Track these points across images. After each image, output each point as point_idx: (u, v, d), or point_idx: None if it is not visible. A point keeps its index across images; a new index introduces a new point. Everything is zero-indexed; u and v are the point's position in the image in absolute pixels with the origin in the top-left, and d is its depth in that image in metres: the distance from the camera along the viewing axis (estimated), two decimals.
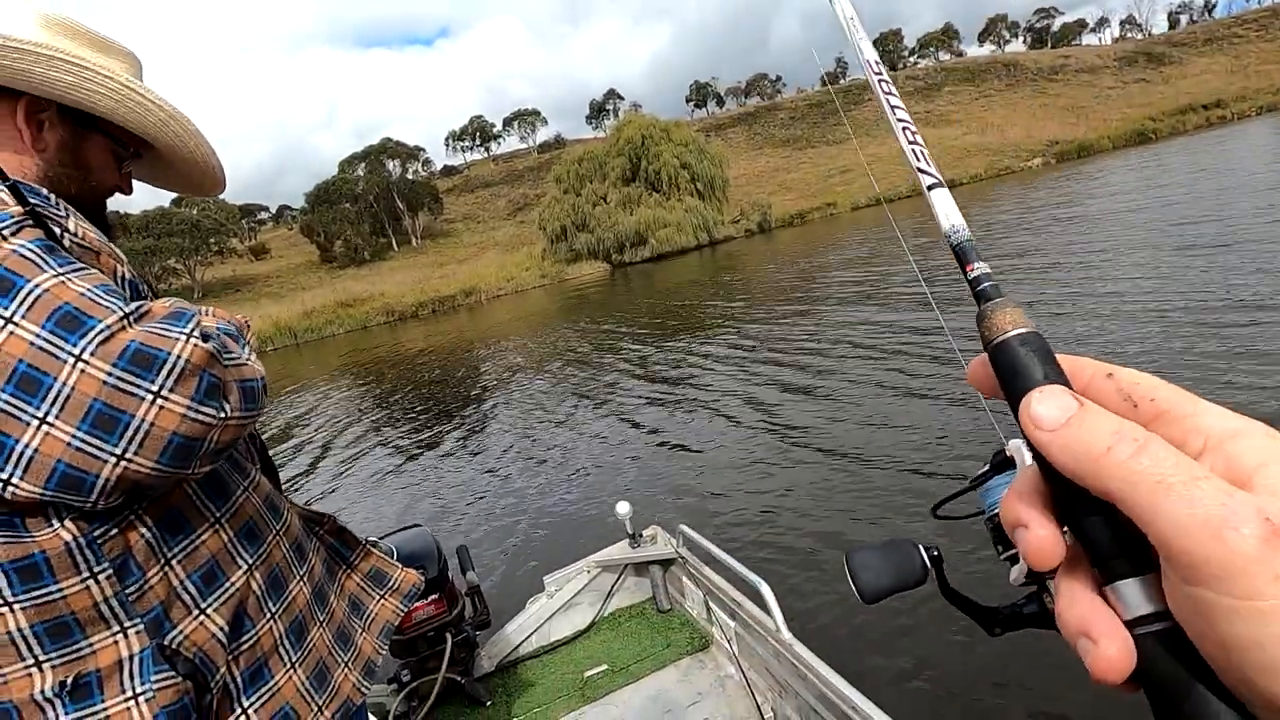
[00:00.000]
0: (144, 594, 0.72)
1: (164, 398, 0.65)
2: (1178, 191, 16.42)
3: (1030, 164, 51.84)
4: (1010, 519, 0.25)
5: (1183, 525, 0.20)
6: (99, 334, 0.64)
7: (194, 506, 0.79)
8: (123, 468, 0.65)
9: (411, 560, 2.42)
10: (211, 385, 0.69)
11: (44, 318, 0.63)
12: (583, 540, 4.43)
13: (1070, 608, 0.23)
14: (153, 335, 0.67)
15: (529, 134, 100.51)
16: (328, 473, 8.37)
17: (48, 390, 0.62)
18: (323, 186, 66.99)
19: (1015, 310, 0.26)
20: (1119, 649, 0.22)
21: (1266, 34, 78.89)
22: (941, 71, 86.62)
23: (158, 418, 0.65)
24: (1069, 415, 0.23)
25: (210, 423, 0.69)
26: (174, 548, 0.76)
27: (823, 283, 14.95)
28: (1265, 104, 54.34)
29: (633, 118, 49.13)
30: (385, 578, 1.14)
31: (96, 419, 0.63)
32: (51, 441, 0.62)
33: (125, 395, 0.64)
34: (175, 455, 0.67)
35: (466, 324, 26.70)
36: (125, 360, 0.64)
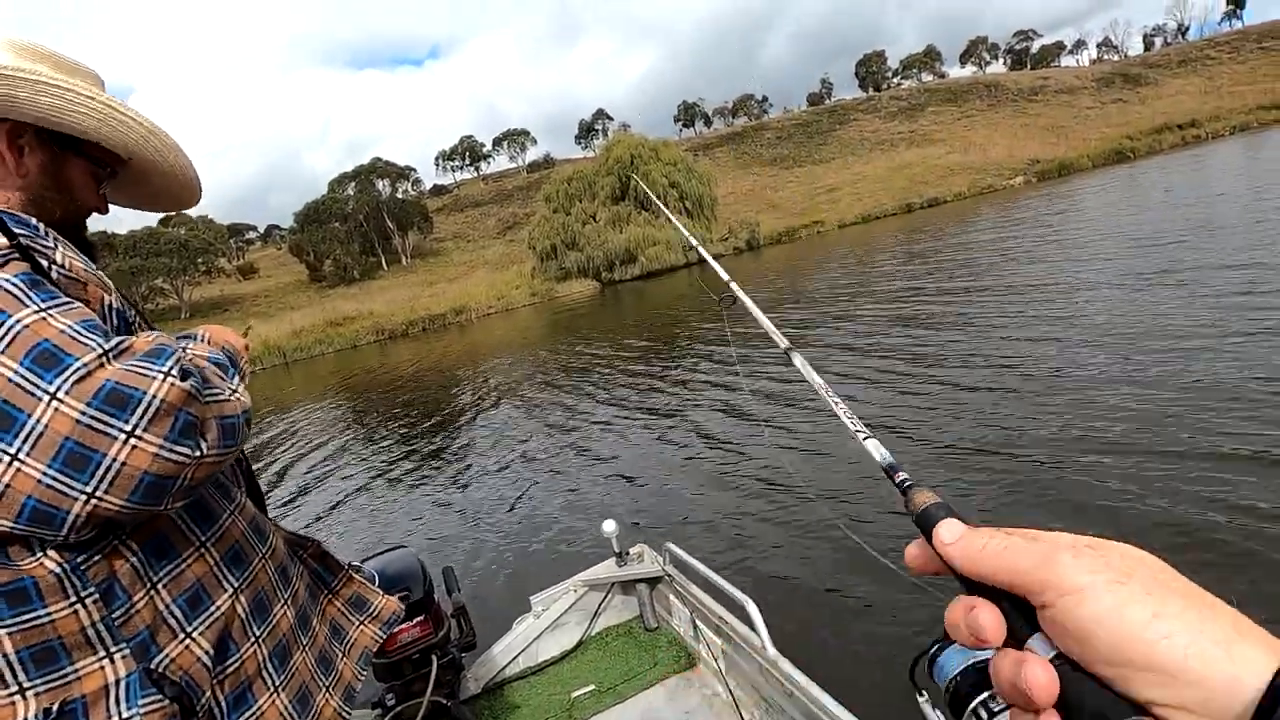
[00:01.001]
0: (130, 618, 0.73)
1: (137, 437, 0.65)
2: (1163, 208, 16.75)
3: (1012, 182, 52.73)
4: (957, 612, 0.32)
5: (1026, 570, 0.29)
6: (75, 372, 0.64)
7: (179, 531, 0.79)
8: (92, 505, 0.65)
9: (396, 581, 2.42)
10: (187, 424, 0.69)
11: (22, 354, 0.63)
12: (569, 559, 4.42)
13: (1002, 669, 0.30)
14: (129, 374, 0.67)
15: (518, 153, 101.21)
16: (314, 493, 8.29)
17: (20, 427, 0.62)
18: (312, 206, 66.95)
19: (928, 491, 0.37)
20: (1049, 676, 0.28)
21: (1238, 56, 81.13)
22: (925, 92, 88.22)
23: (130, 457, 0.65)
24: (959, 533, 0.33)
25: (183, 462, 0.69)
26: (159, 572, 0.76)
27: (809, 300, 15.08)
28: (1238, 123, 55.73)
29: (622, 137, 49.61)
30: (366, 604, 1.15)
31: (68, 458, 0.63)
32: (22, 478, 0.62)
33: (97, 434, 0.64)
34: (146, 494, 0.67)
35: (456, 342, 26.64)
36: (100, 399, 0.64)
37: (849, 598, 3.45)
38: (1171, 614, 0.26)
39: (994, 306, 9.52)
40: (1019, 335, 7.69)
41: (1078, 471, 4.15)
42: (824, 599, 3.48)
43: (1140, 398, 5.05)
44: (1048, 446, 4.61)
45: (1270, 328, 5.85)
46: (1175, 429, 4.39)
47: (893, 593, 3.36)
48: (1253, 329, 5.93)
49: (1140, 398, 5.05)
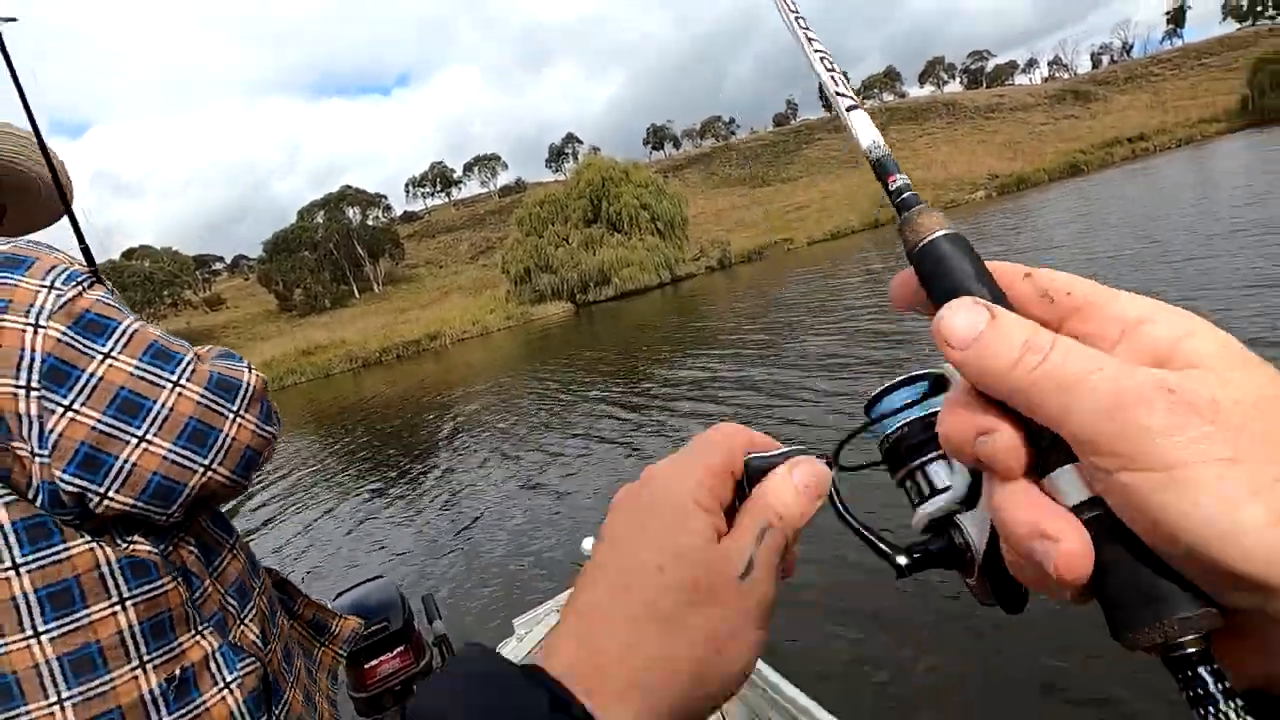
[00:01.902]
0: (205, 601, 0.81)
1: (242, 417, 0.78)
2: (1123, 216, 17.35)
3: (974, 196, 54.28)
4: (961, 429, 0.24)
5: (1088, 418, 0.20)
6: (188, 364, 0.76)
7: (213, 538, 0.87)
8: (208, 477, 0.75)
9: (375, 612, 2.39)
10: (269, 408, 0.84)
11: (141, 351, 0.73)
12: (551, 579, 4.38)
13: (1016, 508, 0.23)
14: (227, 367, 0.80)
15: (489, 178, 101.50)
16: (287, 527, 8.11)
17: (148, 412, 0.71)
18: (281, 235, 66.20)
19: (939, 214, 0.26)
20: (1081, 540, 0.21)
21: (1180, 73, 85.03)
22: (886, 111, 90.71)
23: (238, 433, 0.77)
24: (979, 330, 0.23)
25: (269, 438, 0.83)
26: (211, 565, 0.85)
27: (782, 315, 15.28)
28: (1183, 136, 58.23)
29: (593, 160, 50.06)
30: (326, 626, 1.17)
31: (192, 434, 0.73)
32: (149, 456, 0.71)
33: (215, 414, 0.75)
34: (247, 466, 0.80)
35: (432, 368, 26.40)
36: (213, 386, 0.76)
37: (832, 600, 3.47)
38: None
39: None
40: None
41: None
42: (807, 601, 3.50)
43: None
44: None
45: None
46: None
47: (877, 593, 3.40)
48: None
49: None
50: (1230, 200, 15.29)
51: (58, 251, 0.78)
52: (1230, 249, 9.75)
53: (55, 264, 0.74)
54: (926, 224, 0.26)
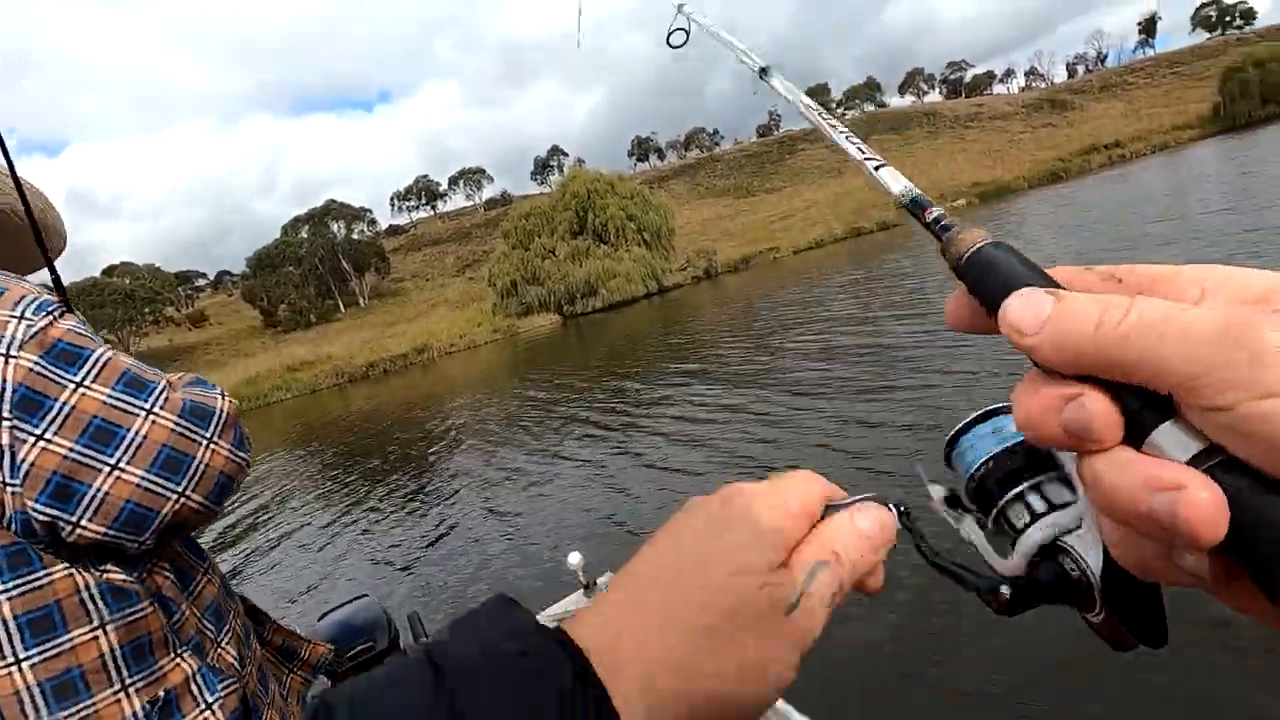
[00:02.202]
0: (183, 624, 0.81)
1: (215, 443, 0.79)
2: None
3: (956, 204, 54.95)
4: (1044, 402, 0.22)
5: (1195, 355, 0.19)
6: (161, 392, 0.77)
7: (187, 562, 0.88)
8: (180, 504, 0.75)
9: (360, 633, 2.36)
10: (241, 434, 0.85)
11: (114, 380, 0.74)
12: (536, 594, 4.34)
13: (1123, 472, 0.20)
14: (199, 394, 0.82)
15: (475, 191, 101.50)
16: (271, 546, 8.00)
17: (120, 439, 0.72)
18: (264, 250, 65.72)
19: (979, 229, 0.26)
20: (1209, 485, 0.19)
21: (1153, 81, 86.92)
22: (867, 121, 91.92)
23: (211, 460, 0.78)
24: (1048, 310, 0.22)
25: (242, 464, 0.84)
26: (186, 588, 0.85)
27: (769, 325, 15.35)
28: (1158, 143, 59.46)
29: (578, 173, 50.23)
30: (295, 652, 1.16)
31: (165, 462, 0.74)
32: (121, 484, 0.71)
33: (189, 441, 0.76)
34: (220, 491, 0.81)
35: (419, 382, 26.23)
36: (187, 413, 0.77)
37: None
38: None
39: None
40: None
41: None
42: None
43: None
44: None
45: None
46: None
47: (862, 601, 3.39)
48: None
49: None
50: (1203, 207, 15.61)
51: (26, 282, 0.78)
52: (1211, 252, 9.93)
53: (25, 294, 0.74)
54: (969, 237, 0.26)
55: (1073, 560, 0.25)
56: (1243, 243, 10.00)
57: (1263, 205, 13.17)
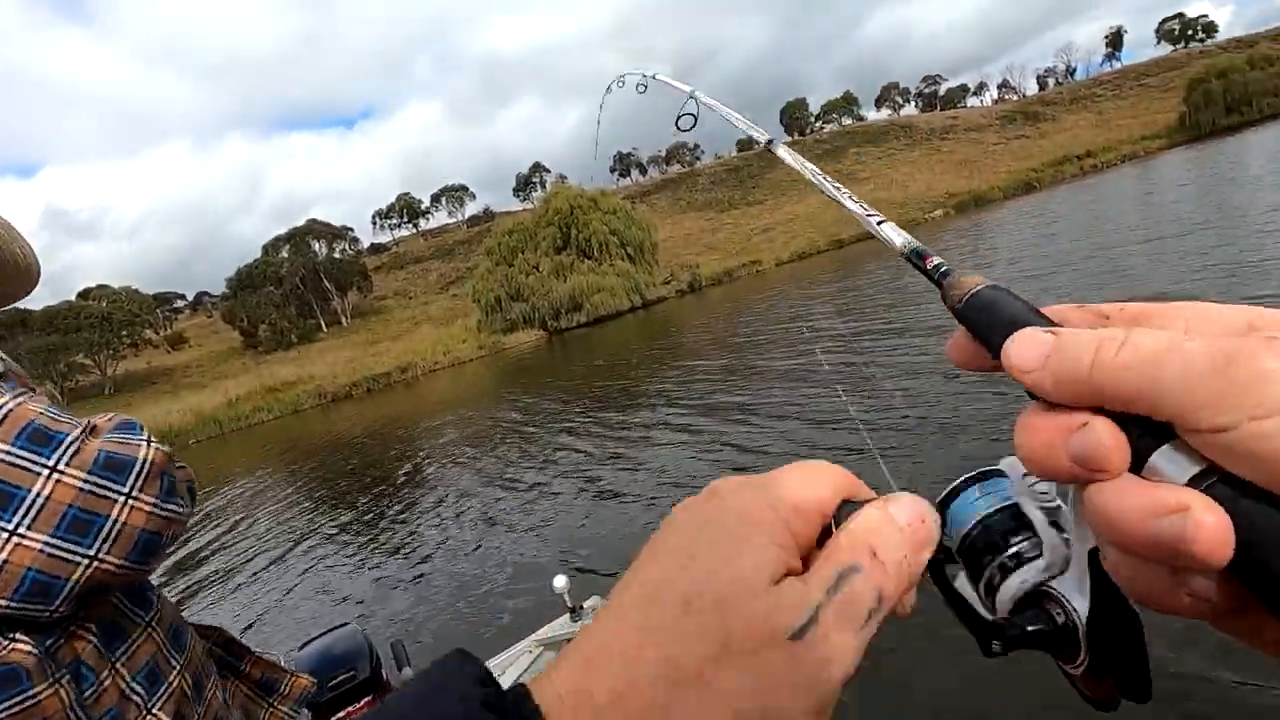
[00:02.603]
0: (100, 697, 0.74)
1: (134, 498, 0.72)
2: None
3: (933, 215, 55.86)
4: (1048, 432, 0.22)
5: (1191, 382, 0.19)
6: (70, 445, 0.70)
7: (124, 615, 0.81)
8: (94, 568, 0.68)
9: (342, 662, 2.34)
10: (171, 483, 0.77)
11: (14, 435, 0.67)
12: (522, 620, 4.31)
13: (1128, 499, 0.20)
14: (118, 443, 0.74)
15: (457, 208, 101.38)
16: (250, 574, 7.86)
17: (20, 502, 0.66)
18: (245, 271, 65.09)
19: (972, 275, 0.27)
20: (1213, 506, 0.19)
21: (1120, 93, 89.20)
22: (846, 135, 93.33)
23: (129, 517, 0.71)
24: (1048, 346, 0.22)
25: (172, 518, 0.76)
26: (116, 651, 0.78)
27: (752, 339, 15.44)
28: (1127, 153, 60.98)
29: (560, 189, 50.46)
30: (275, 685, 1.13)
31: (71, 524, 0.67)
32: (22, 551, 0.65)
33: (99, 499, 0.69)
34: (143, 551, 0.73)
35: (403, 401, 26.00)
36: (99, 467, 0.70)
37: None
38: None
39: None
40: None
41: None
42: None
43: None
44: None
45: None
46: None
47: None
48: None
49: None
50: (1171, 215, 15.99)
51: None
52: (1178, 260, 10.17)
53: None
54: (966, 282, 0.27)
55: (1058, 604, 0.25)
56: (1208, 251, 10.26)
57: (1228, 213, 13.54)
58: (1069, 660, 0.25)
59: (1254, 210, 12.73)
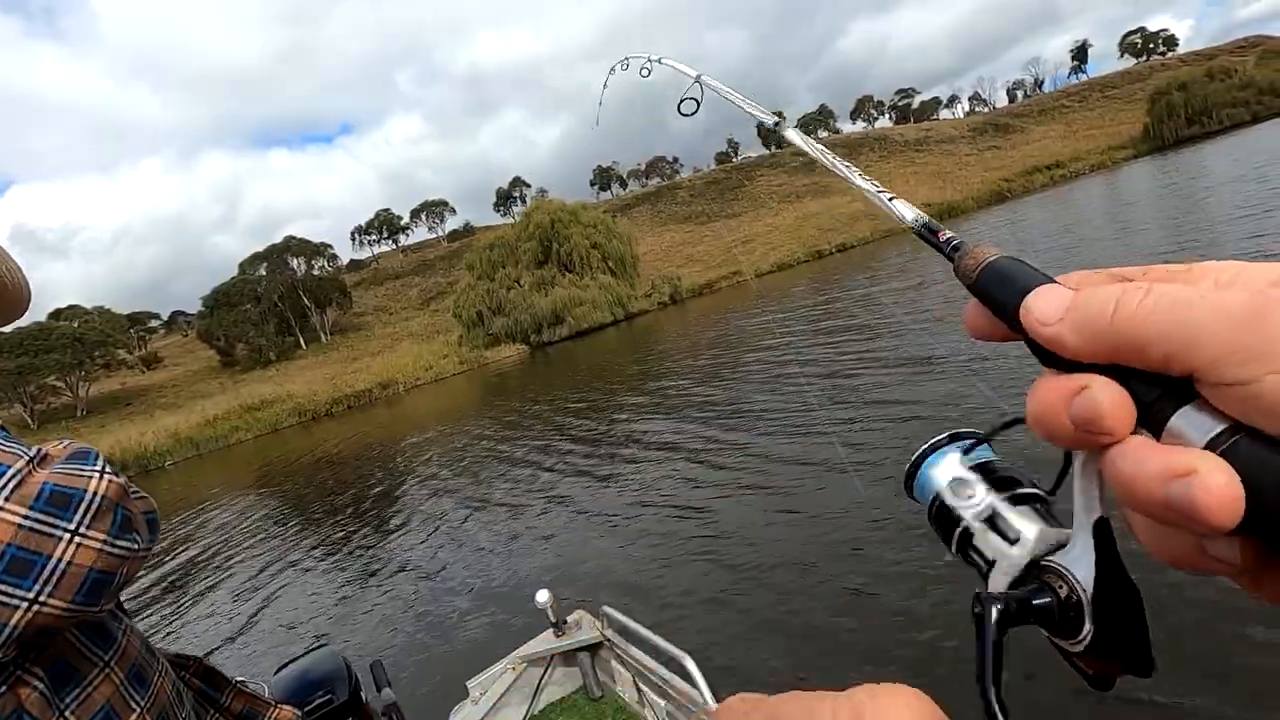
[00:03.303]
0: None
1: (81, 535, 0.65)
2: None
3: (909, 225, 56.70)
4: (1053, 394, 0.22)
5: (1220, 333, 0.19)
6: (11, 479, 0.64)
7: (80, 654, 0.75)
8: (34, 612, 0.63)
9: (319, 684, 2.29)
10: (125, 518, 0.71)
11: None
12: (506, 636, 4.27)
13: (1138, 463, 0.20)
14: (65, 475, 0.67)
15: (437, 224, 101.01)
16: (229, 595, 7.69)
17: None
18: (221, 289, 64.20)
19: (987, 246, 0.27)
20: (1222, 467, 0.18)
21: (1086, 104, 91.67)
22: (821, 147, 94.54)
23: (76, 555, 0.65)
24: (1068, 298, 0.22)
25: (125, 555, 0.70)
26: (67, 698, 0.71)
27: (733, 352, 15.52)
28: (1094, 163, 62.58)
29: (541, 203, 50.53)
30: (258, 718, 1.11)
31: (10, 565, 0.62)
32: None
33: (41, 536, 0.63)
34: (90, 592, 0.67)
35: (384, 419, 25.71)
36: (42, 502, 0.64)
37: (791, 638, 3.48)
38: None
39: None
40: None
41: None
42: (765, 646, 3.50)
43: None
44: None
45: None
46: None
47: (829, 624, 3.43)
48: None
49: None
50: (1139, 223, 16.42)
51: None
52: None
53: None
54: (980, 253, 0.27)
55: (1060, 577, 0.24)
56: (1177, 254, 10.54)
57: (1193, 218, 13.93)
58: (1068, 637, 0.24)
59: (1219, 220, 13.12)
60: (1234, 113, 61.53)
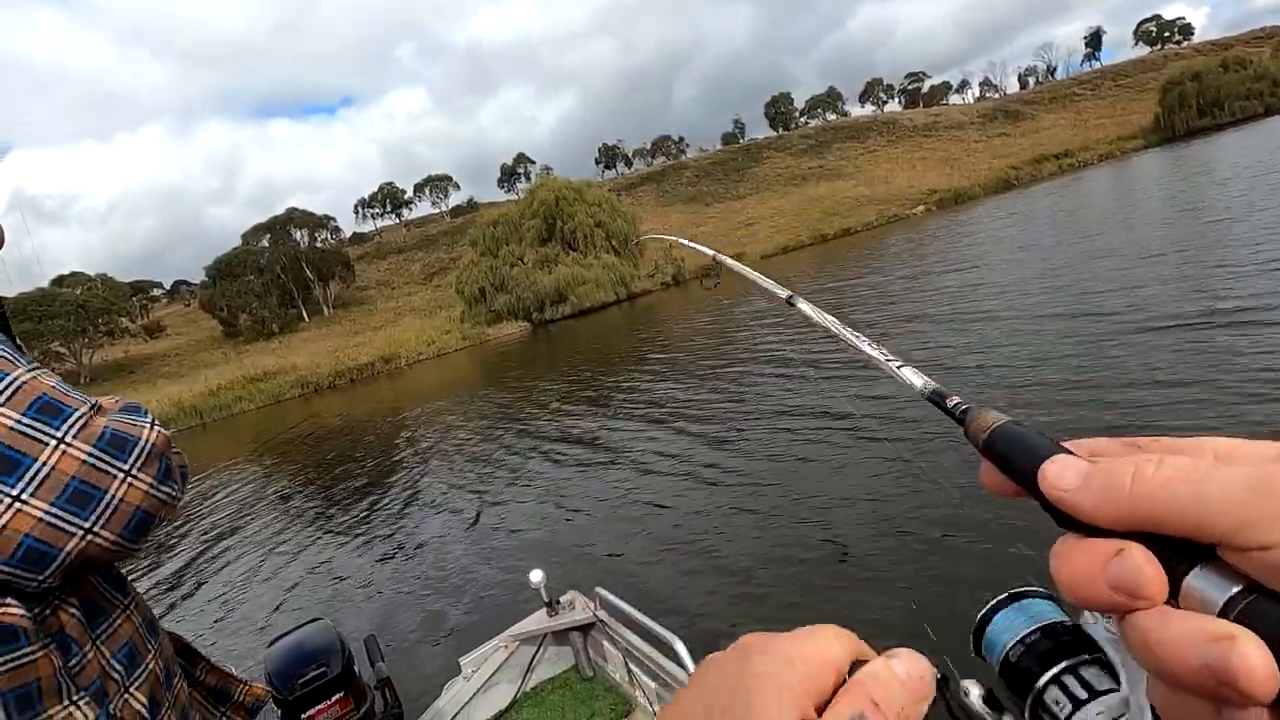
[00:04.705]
0: (84, 669, 0.75)
1: (134, 476, 0.74)
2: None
3: (914, 211, 56.28)
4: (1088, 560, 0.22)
5: (1234, 502, 0.20)
6: (78, 419, 0.72)
7: (104, 597, 0.82)
8: (87, 541, 0.70)
9: (312, 658, 2.33)
10: (168, 467, 0.80)
11: (25, 405, 0.69)
12: (499, 614, 4.32)
13: (1170, 628, 0.20)
14: (123, 422, 0.77)
15: (441, 199, 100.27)
16: (224, 566, 7.78)
17: (25, 470, 0.67)
18: (224, 259, 63.99)
19: (993, 411, 0.29)
20: (1262, 646, 0.19)
21: (1098, 93, 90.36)
22: (830, 130, 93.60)
23: (127, 494, 0.73)
24: (1086, 467, 0.24)
25: (165, 500, 0.79)
26: (98, 628, 0.79)
27: (734, 336, 15.50)
28: (1103, 152, 61.88)
29: (545, 180, 50.18)
30: (228, 693, 1.13)
31: (72, 495, 0.69)
32: (22, 518, 0.66)
33: (101, 473, 0.71)
34: (136, 529, 0.75)
35: (386, 393, 25.78)
36: (104, 443, 0.72)
37: (783, 624, 3.52)
38: None
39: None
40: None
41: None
42: (758, 628, 3.54)
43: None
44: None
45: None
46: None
47: (820, 610, 3.46)
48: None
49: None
50: (1144, 218, 16.27)
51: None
52: (1148, 261, 10.37)
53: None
54: (988, 419, 0.28)
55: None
56: (1176, 254, 10.46)
57: (1200, 214, 13.81)
58: None
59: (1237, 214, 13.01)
60: (1246, 105, 60.70)
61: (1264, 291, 7.10)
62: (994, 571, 3.31)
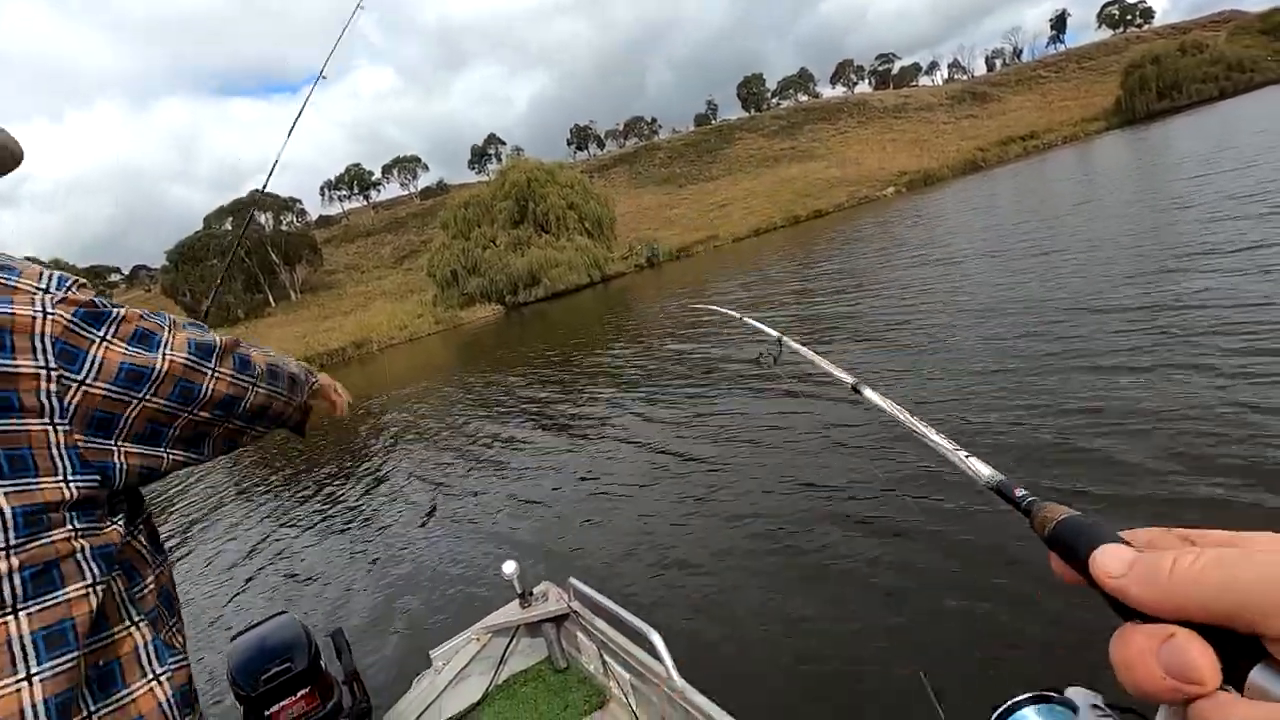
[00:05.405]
0: (144, 596, 0.87)
1: (217, 372, 0.95)
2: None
3: (884, 193, 56.83)
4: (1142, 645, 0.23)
5: (1260, 590, 0.21)
6: (170, 332, 0.92)
7: (155, 543, 0.95)
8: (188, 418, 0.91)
9: (278, 653, 2.27)
10: (243, 359, 1.01)
11: (129, 335, 0.86)
12: (471, 606, 4.28)
13: (1232, 715, 0.21)
14: (201, 333, 0.97)
15: (409, 180, 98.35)
16: (183, 558, 7.59)
17: (147, 377, 0.86)
18: (186, 243, 62.06)
19: (1056, 506, 0.31)
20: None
21: (1063, 75, 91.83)
22: (801, 111, 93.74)
23: (215, 385, 0.95)
24: (1131, 556, 0.26)
25: (245, 385, 1.00)
26: (156, 561, 0.92)
27: (708, 318, 15.51)
28: (1068, 135, 63.09)
29: (517, 161, 49.44)
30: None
31: (180, 393, 0.90)
32: (147, 410, 0.86)
33: (196, 372, 0.92)
34: (225, 407, 0.97)
35: (356, 379, 25.33)
36: (193, 348, 0.92)
37: (756, 616, 3.54)
38: None
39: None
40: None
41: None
42: (730, 622, 3.55)
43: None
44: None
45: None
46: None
47: (796, 607, 3.49)
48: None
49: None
50: (1110, 197, 16.63)
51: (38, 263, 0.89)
52: (1110, 241, 10.61)
53: (41, 270, 0.84)
54: (1052, 512, 0.31)
55: None
56: (1136, 232, 10.71)
57: (1156, 195, 14.15)
58: None
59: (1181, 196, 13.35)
60: (1202, 88, 62.28)
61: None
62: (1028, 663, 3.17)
